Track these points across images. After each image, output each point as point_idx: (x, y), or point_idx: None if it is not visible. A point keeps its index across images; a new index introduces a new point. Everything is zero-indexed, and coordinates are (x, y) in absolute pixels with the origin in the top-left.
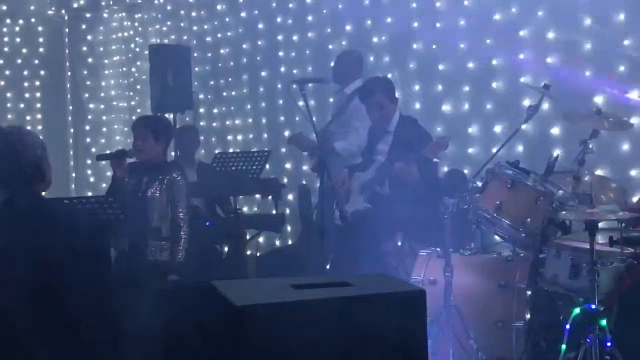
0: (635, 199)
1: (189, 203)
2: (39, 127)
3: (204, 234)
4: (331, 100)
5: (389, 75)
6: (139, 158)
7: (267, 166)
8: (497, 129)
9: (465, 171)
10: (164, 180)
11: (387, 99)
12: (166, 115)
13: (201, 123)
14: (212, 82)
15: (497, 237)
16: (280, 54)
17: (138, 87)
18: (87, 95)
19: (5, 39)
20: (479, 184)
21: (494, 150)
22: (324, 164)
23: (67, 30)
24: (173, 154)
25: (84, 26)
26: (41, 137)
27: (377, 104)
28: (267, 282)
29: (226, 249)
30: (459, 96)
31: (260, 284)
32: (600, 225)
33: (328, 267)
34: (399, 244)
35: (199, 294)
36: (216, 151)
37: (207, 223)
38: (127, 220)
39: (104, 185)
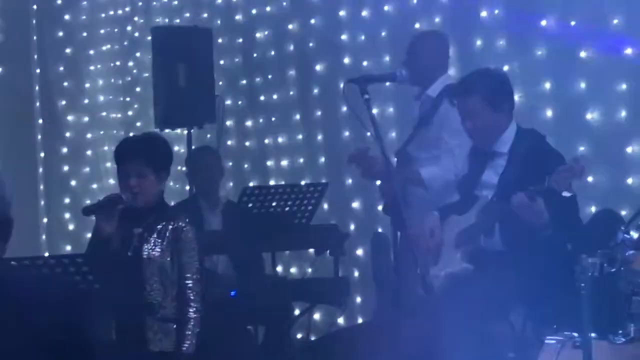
0: None
1: (201, 264)
2: None
3: (228, 308)
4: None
5: (506, 68)
6: (135, 204)
7: (325, 206)
8: None
9: (623, 213)
10: (165, 232)
11: (488, 106)
12: (177, 131)
13: (228, 142)
14: (244, 82)
15: None
16: (344, 37)
17: (137, 89)
18: (63, 102)
19: None
20: (635, 234)
21: None
22: (399, 204)
23: (34, 7)
24: (187, 188)
25: (59, 1)
26: None
27: (468, 110)
28: None
29: (263, 331)
30: (610, 99)
31: None
32: None
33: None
34: (516, 325)
35: None
36: (249, 184)
37: (233, 293)
38: (106, 291)
39: (89, 235)
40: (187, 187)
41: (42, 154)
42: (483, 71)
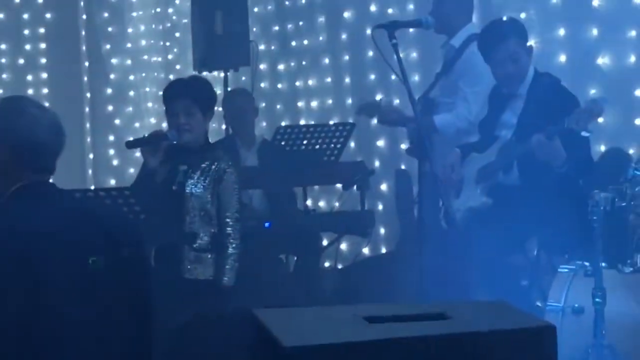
0: None
1: (241, 203)
2: (44, 91)
3: (262, 239)
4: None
5: (522, 16)
6: (184, 140)
7: (352, 144)
8: None
9: (631, 151)
10: (209, 171)
11: (522, 48)
12: (214, 73)
13: (261, 84)
14: (276, 28)
15: None
16: None
17: (177, 34)
18: (108, 46)
19: None
20: None
21: None
22: (424, 144)
23: None
24: (224, 127)
25: None
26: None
27: (511, 54)
28: (336, 311)
29: (294, 260)
30: (622, 44)
31: (326, 313)
32: None
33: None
34: (530, 255)
35: (243, 325)
36: (282, 123)
37: (267, 224)
38: (150, 221)
39: (133, 170)
40: (224, 127)
41: (89, 95)
42: (510, 19)
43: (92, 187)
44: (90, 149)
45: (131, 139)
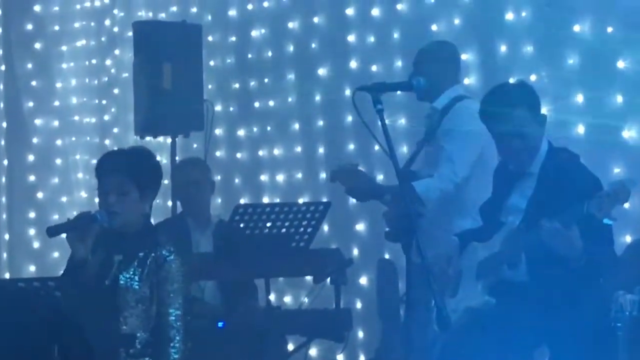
0: None
1: (188, 297)
2: None
3: (214, 341)
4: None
5: (533, 78)
6: (114, 224)
7: (325, 228)
8: None
9: None
10: (146, 260)
11: (533, 119)
12: (160, 139)
13: (217, 153)
14: (236, 85)
15: None
16: (351, 38)
17: (115, 91)
18: (31, 104)
19: None
20: None
21: None
22: (410, 225)
23: None
24: (170, 204)
25: None
26: None
27: (518, 128)
28: None
29: None
30: None
31: None
32: None
33: None
34: None
35: None
36: (241, 201)
37: (221, 324)
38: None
39: (57, 254)
40: (170, 203)
41: (6, 162)
42: (517, 83)
43: (6, 276)
44: (6, 228)
45: (53, 225)
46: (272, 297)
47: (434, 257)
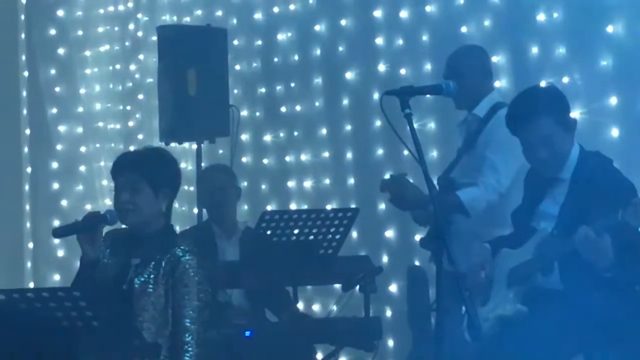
0: None
1: (214, 297)
2: None
3: (242, 350)
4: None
5: (565, 80)
6: (127, 222)
7: (354, 234)
8: None
9: None
10: (161, 263)
11: (560, 126)
12: (185, 144)
13: (243, 159)
14: (263, 90)
15: None
16: (379, 41)
17: (140, 96)
18: (54, 110)
19: None
20: None
21: None
22: (442, 234)
23: (23, 1)
24: (195, 211)
25: None
26: None
27: (544, 137)
28: None
29: None
30: None
31: None
32: None
33: None
34: None
35: None
36: (267, 208)
37: (248, 333)
38: (101, 330)
39: None
40: (195, 210)
41: (29, 169)
42: (544, 88)
43: (30, 285)
44: (30, 237)
45: (58, 225)
46: (300, 305)
47: (468, 266)
